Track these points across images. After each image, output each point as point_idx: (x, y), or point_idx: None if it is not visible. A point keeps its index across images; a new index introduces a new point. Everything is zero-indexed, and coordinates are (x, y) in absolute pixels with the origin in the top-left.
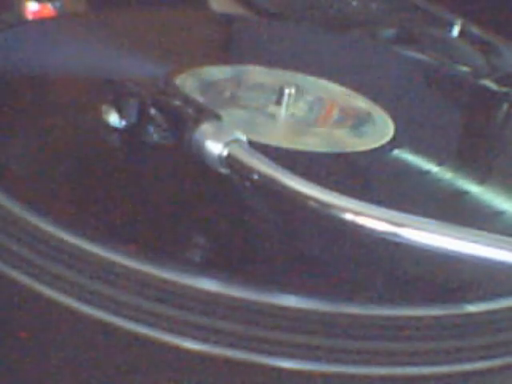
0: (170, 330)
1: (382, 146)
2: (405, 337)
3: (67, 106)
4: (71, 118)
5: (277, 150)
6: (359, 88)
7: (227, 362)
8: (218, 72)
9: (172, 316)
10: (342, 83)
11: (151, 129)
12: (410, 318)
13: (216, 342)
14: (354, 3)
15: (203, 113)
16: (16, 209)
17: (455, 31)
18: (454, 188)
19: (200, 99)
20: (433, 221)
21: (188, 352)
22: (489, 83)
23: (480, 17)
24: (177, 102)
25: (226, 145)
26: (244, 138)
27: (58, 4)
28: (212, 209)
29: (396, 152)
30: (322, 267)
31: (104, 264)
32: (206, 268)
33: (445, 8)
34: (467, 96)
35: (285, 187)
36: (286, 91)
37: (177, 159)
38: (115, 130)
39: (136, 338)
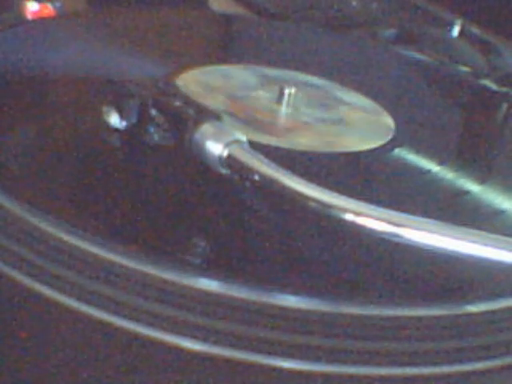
0: (170, 330)
1: (383, 146)
2: (405, 337)
3: (67, 106)
4: (71, 118)
5: (277, 149)
6: (359, 88)
7: (227, 361)
8: (218, 72)
9: (172, 316)
10: (342, 83)
11: (152, 129)
12: (410, 318)
13: (216, 342)
14: (354, 3)
15: (203, 113)
16: (16, 209)
17: (455, 31)
18: (454, 188)
19: (200, 100)
20: (433, 221)
21: (188, 352)
22: (489, 83)
23: (480, 17)
24: (177, 103)
25: (227, 145)
26: (244, 138)
27: (58, 4)
28: (212, 209)
29: (396, 152)
30: (322, 267)
31: (104, 264)
32: (206, 268)
33: (445, 8)
34: (467, 96)
35: (285, 188)
36: (286, 91)
37: (177, 160)
38: (116, 130)
39: (136, 337)
